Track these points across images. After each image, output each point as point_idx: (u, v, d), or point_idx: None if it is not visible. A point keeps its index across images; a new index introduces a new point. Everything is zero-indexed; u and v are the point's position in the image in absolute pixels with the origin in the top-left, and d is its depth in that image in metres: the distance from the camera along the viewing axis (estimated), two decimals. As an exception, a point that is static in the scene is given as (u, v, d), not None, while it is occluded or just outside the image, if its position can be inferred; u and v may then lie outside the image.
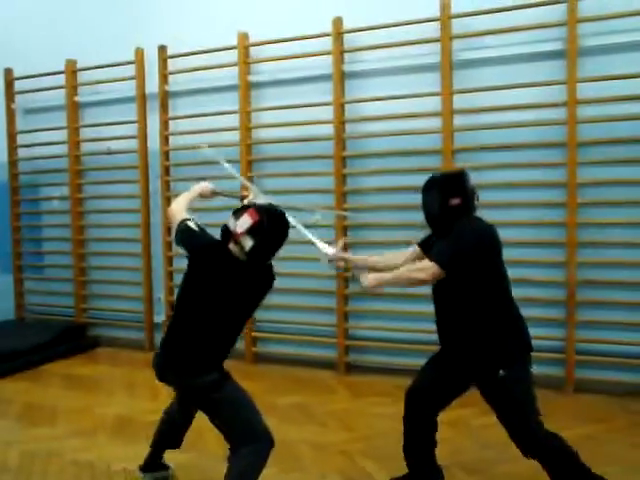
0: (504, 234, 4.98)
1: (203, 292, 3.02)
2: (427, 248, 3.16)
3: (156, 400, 5.04)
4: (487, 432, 4.06)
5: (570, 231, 4.86)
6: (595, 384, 4.92)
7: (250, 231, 2.91)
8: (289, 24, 5.65)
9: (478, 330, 2.99)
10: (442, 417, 3.33)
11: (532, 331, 4.79)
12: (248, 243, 2.93)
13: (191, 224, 3.17)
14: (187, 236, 3.15)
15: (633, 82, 4.64)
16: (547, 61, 4.95)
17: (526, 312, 5.09)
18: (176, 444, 3.54)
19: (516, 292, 5.10)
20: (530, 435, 2.97)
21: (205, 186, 3.59)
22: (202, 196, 3.59)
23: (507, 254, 4.84)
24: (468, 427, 4.31)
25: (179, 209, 3.33)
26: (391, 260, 3.36)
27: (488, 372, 2.98)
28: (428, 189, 3.10)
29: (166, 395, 5.09)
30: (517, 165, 5.06)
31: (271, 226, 2.95)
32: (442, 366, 3.20)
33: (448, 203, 2.97)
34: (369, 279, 3.03)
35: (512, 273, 5.03)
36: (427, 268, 2.89)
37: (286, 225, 3.05)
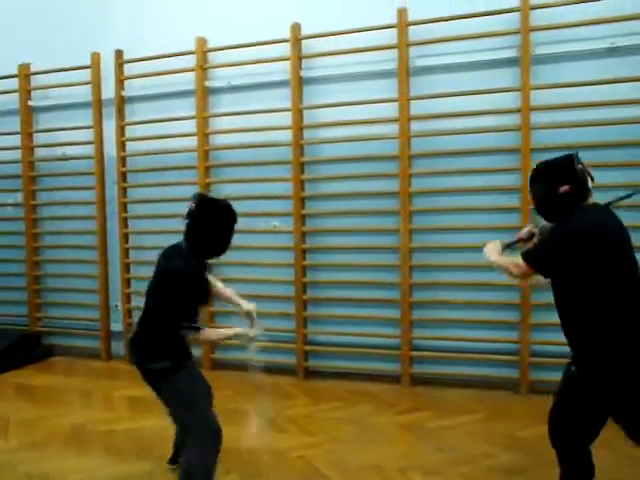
0: (461, 239, 5.14)
1: (157, 283, 3.21)
2: None
3: (112, 410, 4.98)
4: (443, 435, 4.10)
5: (524, 235, 4.93)
6: (549, 385, 5.00)
7: (186, 215, 3.10)
8: (247, 30, 5.64)
9: (608, 344, 2.65)
10: (402, 420, 3.35)
11: (486, 334, 4.87)
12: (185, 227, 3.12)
13: None
14: None
15: (585, 89, 4.76)
16: (502, 68, 5.04)
17: (481, 315, 5.21)
18: None
19: (474, 296, 5.22)
20: None
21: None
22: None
23: (462, 258, 4.94)
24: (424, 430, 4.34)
25: None
26: None
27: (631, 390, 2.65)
28: (534, 179, 2.89)
29: (121, 405, 5.07)
30: (473, 171, 5.13)
31: (200, 210, 3.09)
32: (578, 392, 2.82)
33: (557, 192, 2.73)
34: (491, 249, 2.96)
35: (473, 277, 5.10)
36: (519, 265, 2.77)
37: (220, 209, 3.15)
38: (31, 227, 6.76)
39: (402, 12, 5.15)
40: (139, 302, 6.37)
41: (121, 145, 6.30)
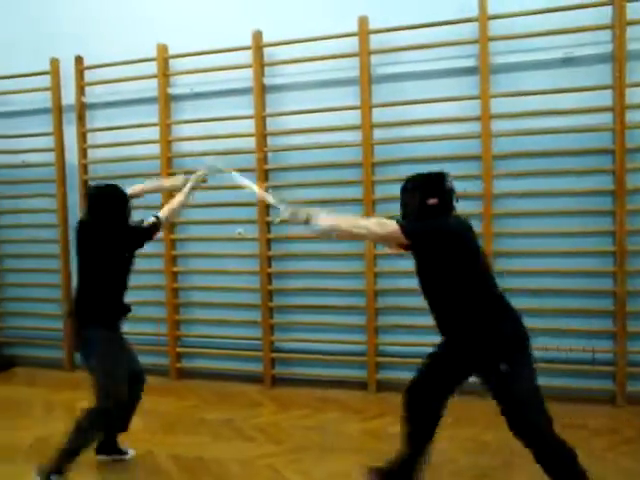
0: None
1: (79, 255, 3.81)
2: None
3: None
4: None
5: (487, 241, 5.03)
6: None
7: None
8: (209, 37, 5.62)
9: (468, 323, 3.06)
10: (369, 426, 3.39)
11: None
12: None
13: None
14: None
15: (542, 98, 4.86)
16: (462, 77, 5.12)
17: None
18: (123, 427, 3.99)
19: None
20: (531, 428, 2.96)
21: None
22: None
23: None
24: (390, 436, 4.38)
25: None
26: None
27: (487, 365, 3.03)
28: (407, 189, 3.19)
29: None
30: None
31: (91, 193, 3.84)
32: (442, 359, 3.26)
33: (426, 203, 3.07)
34: (323, 220, 3.08)
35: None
36: (388, 225, 2.97)
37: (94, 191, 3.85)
38: (-10, 236, 6.64)
39: (363, 20, 5.19)
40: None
41: (82, 152, 6.22)
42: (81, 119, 6.20)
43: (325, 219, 3.08)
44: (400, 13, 5.18)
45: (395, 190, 5.44)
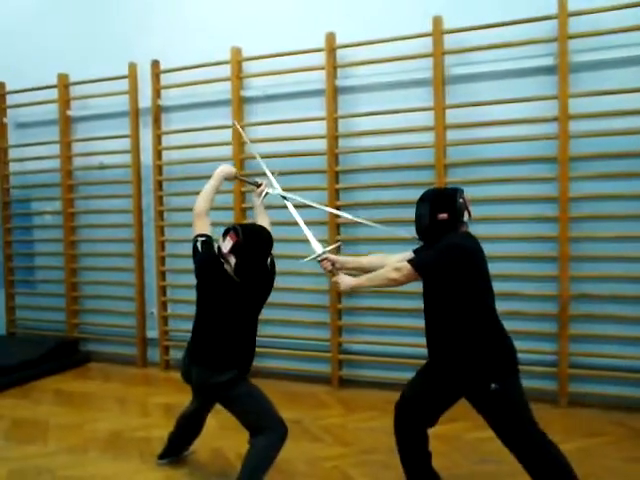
0: (498, 249, 5.09)
1: (208, 302, 3.49)
2: None
3: (148, 416, 5.03)
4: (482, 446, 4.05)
5: (563, 245, 4.88)
6: (589, 398, 4.93)
7: (232, 250, 3.31)
8: (282, 39, 5.68)
9: (465, 344, 3.08)
10: (437, 430, 3.33)
11: (524, 344, 4.84)
12: (232, 261, 3.33)
13: (198, 244, 3.55)
14: (194, 253, 3.56)
15: (625, 97, 4.69)
16: (538, 76, 4.98)
17: (518, 326, 5.15)
18: (188, 443, 4.03)
19: (508, 306, 5.17)
20: (525, 443, 3.04)
21: (229, 169, 3.93)
22: (227, 179, 3.94)
23: (495, 268, 4.87)
24: (460, 441, 4.30)
25: (200, 212, 3.72)
26: (377, 261, 3.47)
27: (479, 386, 3.05)
28: (421, 201, 3.27)
29: (157, 411, 5.12)
30: (509, 179, 5.08)
31: (249, 244, 3.31)
32: (431, 379, 3.26)
33: (436, 217, 3.15)
34: (346, 281, 3.29)
35: (500, 287, 5.06)
36: (402, 269, 3.06)
37: (264, 240, 3.41)
38: (69, 235, 6.87)
39: (437, 20, 5.13)
40: (174, 309, 6.46)
41: (157, 154, 6.37)
42: (157, 121, 6.35)
43: (348, 281, 3.29)
44: (475, 12, 5.07)
45: (469, 191, 5.38)
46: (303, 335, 5.89)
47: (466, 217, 3.22)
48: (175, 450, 4.02)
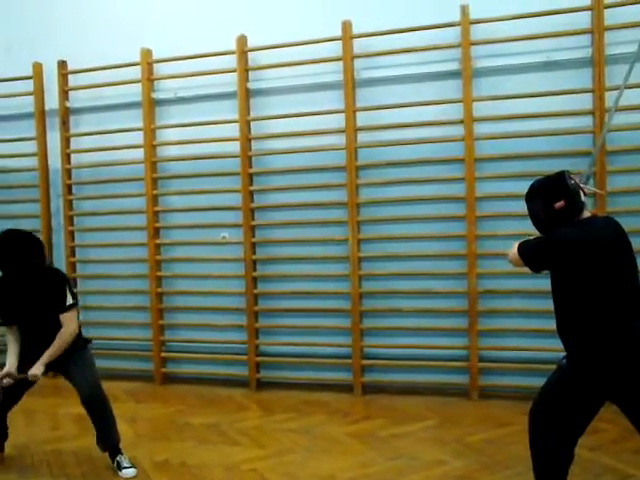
0: (409, 248, 5.23)
1: None
2: None
3: (57, 429, 4.85)
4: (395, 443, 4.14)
5: (470, 243, 5.06)
6: (498, 390, 5.13)
7: None
8: (194, 41, 5.63)
9: (592, 336, 2.81)
10: (354, 429, 3.38)
11: (436, 341, 4.99)
12: None
13: None
14: None
15: (523, 101, 4.90)
16: (445, 80, 5.15)
17: (430, 322, 5.30)
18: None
19: (420, 303, 5.31)
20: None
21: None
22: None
23: (409, 266, 5.03)
24: (376, 439, 4.40)
25: None
26: None
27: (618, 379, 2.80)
28: (531, 198, 3.05)
29: (66, 423, 4.95)
30: (419, 180, 5.22)
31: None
32: (574, 386, 2.90)
33: (553, 208, 2.91)
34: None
35: (411, 285, 5.22)
36: (513, 252, 2.97)
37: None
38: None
39: (347, 25, 5.21)
40: (85, 317, 6.28)
41: (66, 157, 6.19)
42: (64, 123, 6.17)
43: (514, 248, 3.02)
44: (383, 17, 5.19)
45: (379, 193, 5.50)
46: (219, 338, 5.86)
47: (583, 197, 2.93)
48: None
